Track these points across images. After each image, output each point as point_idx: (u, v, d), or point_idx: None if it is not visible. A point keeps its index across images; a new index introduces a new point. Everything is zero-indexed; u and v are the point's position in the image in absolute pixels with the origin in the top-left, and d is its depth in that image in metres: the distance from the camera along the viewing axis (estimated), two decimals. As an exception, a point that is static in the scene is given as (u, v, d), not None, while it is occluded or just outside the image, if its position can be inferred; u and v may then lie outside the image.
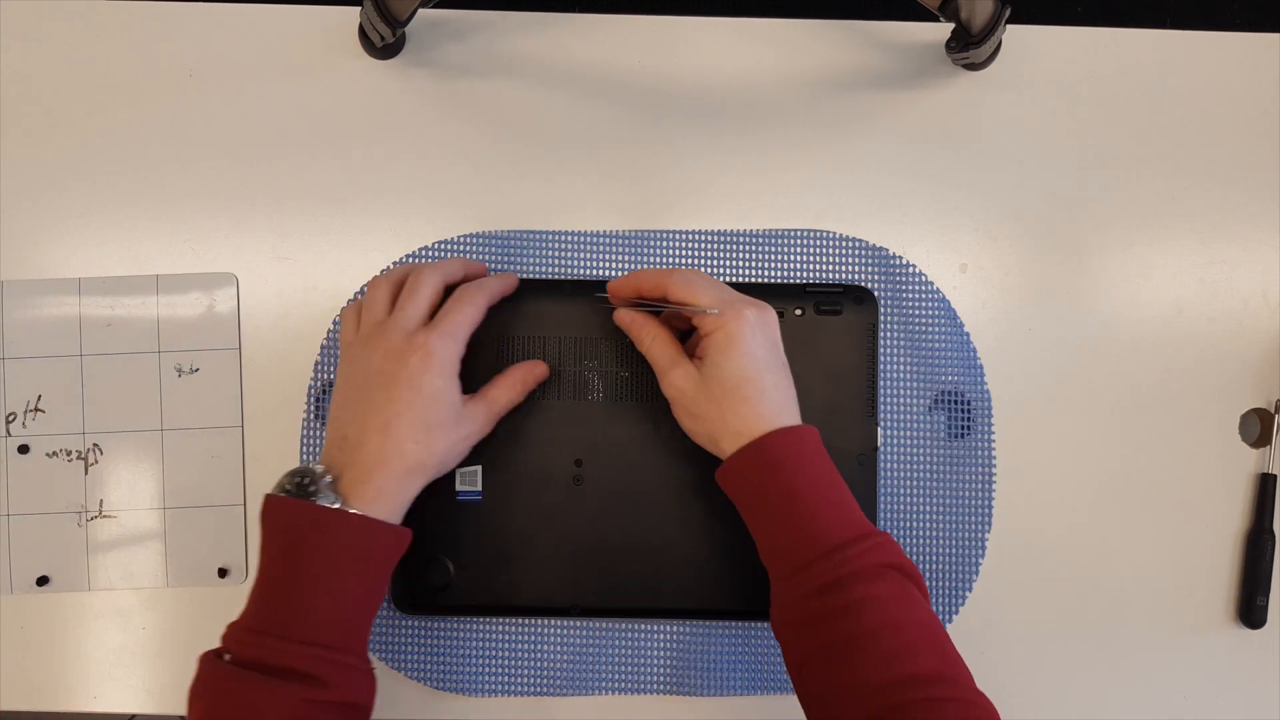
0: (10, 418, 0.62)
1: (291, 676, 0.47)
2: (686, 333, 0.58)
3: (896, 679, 0.45)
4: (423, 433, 0.51)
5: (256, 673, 0.47)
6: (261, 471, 0.62)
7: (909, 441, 0.62)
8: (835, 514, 0.50)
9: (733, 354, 0.51)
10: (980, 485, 0.62)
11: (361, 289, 0.62)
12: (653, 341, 0.55)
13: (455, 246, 0.62)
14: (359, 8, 0.59)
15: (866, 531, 0.50)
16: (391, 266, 0.62)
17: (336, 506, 0.49)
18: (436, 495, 0.57)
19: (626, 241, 0.62)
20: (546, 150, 0.63)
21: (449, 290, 0.56)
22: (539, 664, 0.61)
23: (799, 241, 0.62)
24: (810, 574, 0.48)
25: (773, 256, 0.62)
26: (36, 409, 0.62)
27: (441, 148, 0.63)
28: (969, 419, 0.62)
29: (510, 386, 0.57)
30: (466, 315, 0.54)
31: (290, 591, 0.48)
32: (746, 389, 0.51)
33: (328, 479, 0.50)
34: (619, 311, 0.57)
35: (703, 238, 0.62)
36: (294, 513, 0.49)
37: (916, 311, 0.62)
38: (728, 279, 0.62)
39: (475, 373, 0.57)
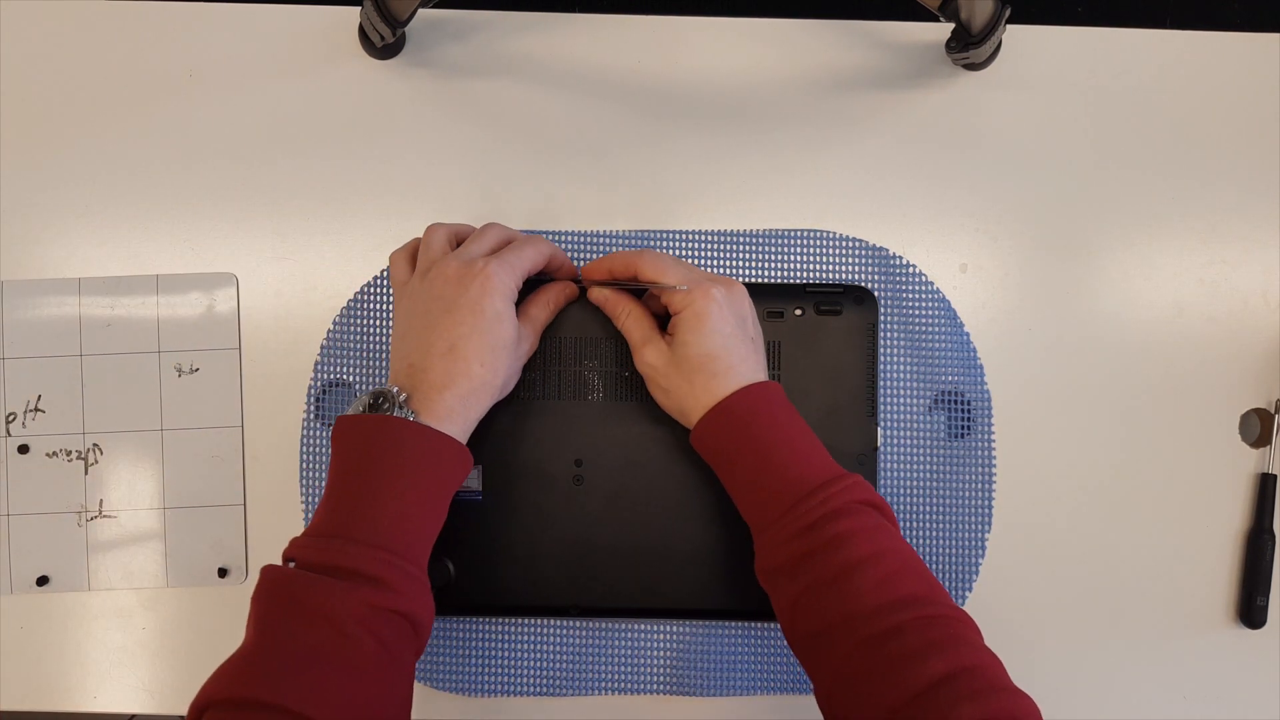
0: (10, 418, 0.62)
1: (357, 578, 0.47)
2: (664, 319, 0.58)
3: (887, 603, 0.47)
4: (488, 354, 0.52)
5: (320, 574, 0.47)
6: (261, 471, 0.62)
7: (909, 441, 0.62)
8: (809, 459, 0.52)
9: (700, 331, 0.53)
10: (980, 485, 0.62)
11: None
12: (627, 317, 0.57)
13: (455, 246, 0.62)
14: (359, 8, 0.59)
15: (841, 473, 0.51)
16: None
17: (410, 419, 0.50)
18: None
19: (627, 242, 0.62)
20: (547, 150, 0.63)
21: None
22: (539, 664, 0.61)
23: (799, 241, 0.62)
24: (793, 516, 0.50)
25: (773, 256, 0.62)
26: (36, 409, 0.62)
27: (441, 148, 0.63)
28: (969, 419, 0.62)
29: (545, 305, 0.58)
30: (527, 254, 0.55)
31: (359, 498, 0.49)
32: (714, 365, 0.53)
33: (403, 397, 0.51)
34: (594, 289, 0.58)
35: (703, 238, 0.62)
36: (367, 425, 0.50)
37: (916, 311, 0.62)
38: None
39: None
